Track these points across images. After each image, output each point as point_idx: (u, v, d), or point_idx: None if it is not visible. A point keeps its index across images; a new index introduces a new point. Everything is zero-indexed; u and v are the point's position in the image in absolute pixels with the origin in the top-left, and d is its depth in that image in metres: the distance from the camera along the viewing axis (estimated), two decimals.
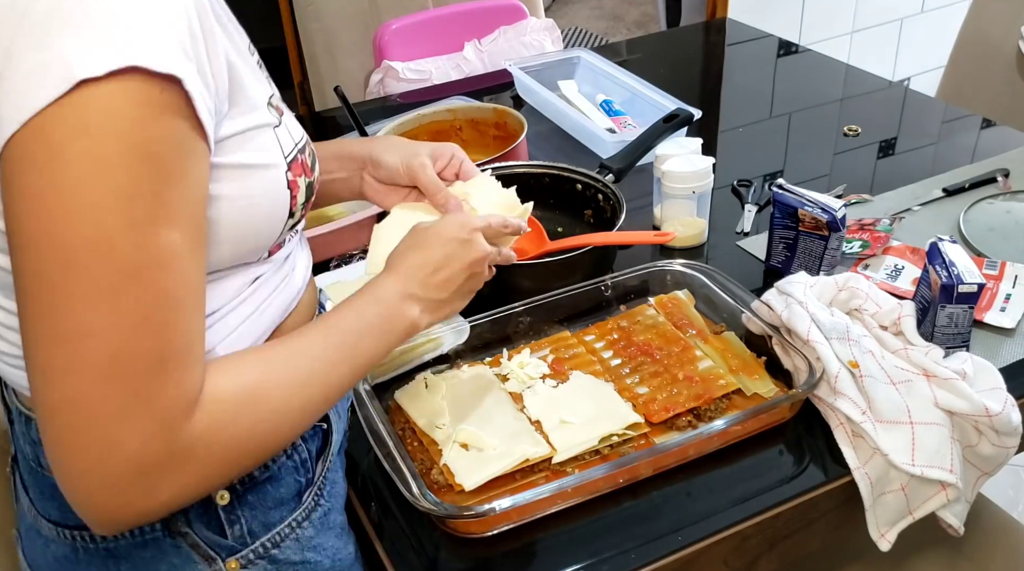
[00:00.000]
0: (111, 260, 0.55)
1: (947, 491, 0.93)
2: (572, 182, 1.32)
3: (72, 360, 0.55)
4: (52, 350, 0.56)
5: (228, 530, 0.74)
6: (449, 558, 0.87)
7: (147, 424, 0.57)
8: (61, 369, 0.56)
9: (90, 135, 0.53)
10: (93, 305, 0.55)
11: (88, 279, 0.54)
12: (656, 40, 2.54)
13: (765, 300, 1.05)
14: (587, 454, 0.93)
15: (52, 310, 0.55)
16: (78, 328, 0.55)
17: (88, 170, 0.53)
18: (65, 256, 0.54)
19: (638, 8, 4.16)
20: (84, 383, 0.56)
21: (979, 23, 2.06)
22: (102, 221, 0.54)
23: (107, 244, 0.54)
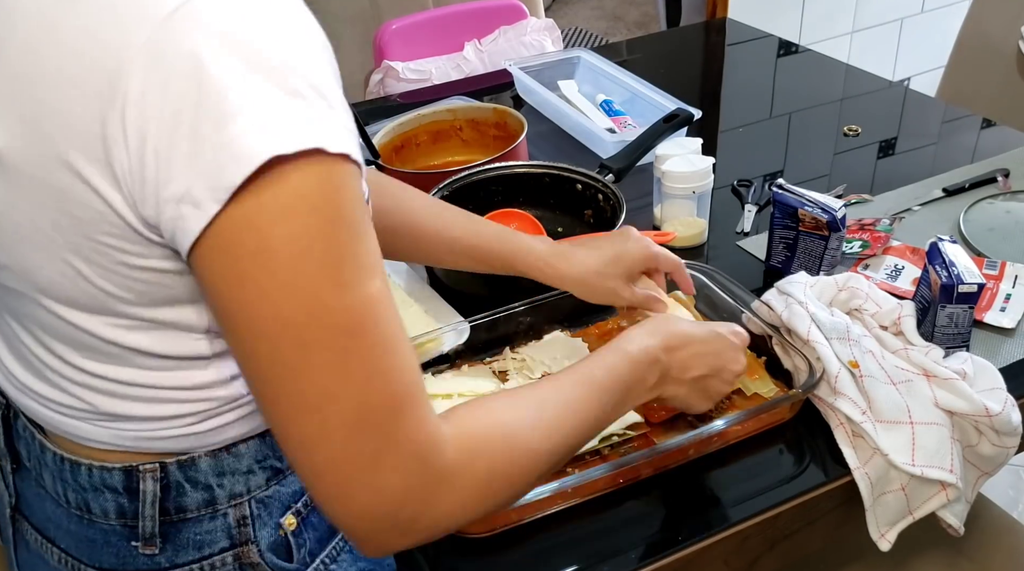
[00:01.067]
0: (335, 326, 0.57)
1: (947, 491, 0.93)
2: (572, 182, 1.32)
3: (324, 426, 0.58)
4: (304, 420, 0.58)
5: (295, 554, 0.74)
6: (449, 558, 0.87)
7: (402, 461, 0.60)
8: (317, 436, 0.58)
9: (291, 217, 0.54)
10: (330, 371, 0.57)
11: (320, 349, 0.56)
12: (656, 40, 2.54)
13: (765, 300, 1.05)
14: (587, 454, 0.93)
15: (295, 385, 0.57)
16: (322, 394, 0.57)
17: (296, 251, 0.55)
18: (295, 334, 0.56)
19: (638, 8, 4.16)
20: (339, 442, 0.58)
21: (979, 23, 2.06)
22: (319, 294, 0.56)
23: (327, 313, 0.56)
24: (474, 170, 1.32)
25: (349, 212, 0.57)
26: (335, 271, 0.56)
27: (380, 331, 0.59)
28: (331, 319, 0.56)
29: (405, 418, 0.60)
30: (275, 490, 0.73)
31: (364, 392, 0.58)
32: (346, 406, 0.57)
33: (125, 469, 0.69)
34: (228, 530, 0.72)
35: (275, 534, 0.73)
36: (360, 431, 0.58)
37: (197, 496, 0.70)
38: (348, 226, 0.57)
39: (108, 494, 0.70)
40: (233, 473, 0.71)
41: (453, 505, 0.63)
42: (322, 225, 0.55)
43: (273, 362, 0.57)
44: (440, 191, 1.29)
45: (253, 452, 0.71)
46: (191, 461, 0.69)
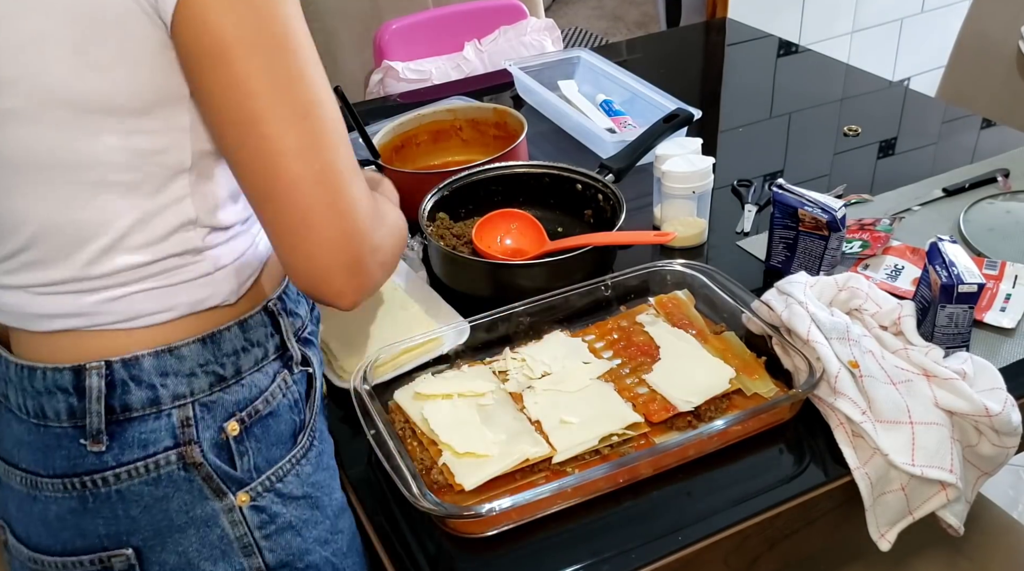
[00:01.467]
0: (309, 47, 0.69)
1: (947, 491, 0.93)
2: (572, 182, 1.32)
3: (321, 130, 0.69)
4: (301, 127, 0.68)
5: (238, 462, 0.78)
6: (449, 558, 0.87)
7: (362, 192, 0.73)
8: (313, 143, 0.68)
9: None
10: (319, 79, 0.69)
11: (308, 60, 0.69)
12: (656, 40, 2.54)
13: (765, 300, 1.05)
14: (587, 454, 0.93)
15: (291, 92, 0.67)
16: (315, 99, 0.69)
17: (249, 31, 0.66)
18: (294, 45, 0.68)
19: (638, 8, 4.16)
20: (332, 151, 0.70)
21: (979, 23, 2.06)
22: (295, 15, 0.68)
23: (304, 35, 0.69)
24: (474, 170, 1.32)
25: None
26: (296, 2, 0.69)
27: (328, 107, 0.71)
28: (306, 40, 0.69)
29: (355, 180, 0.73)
30: (219, 396, 0.77)
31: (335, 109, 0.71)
32: (332, 114, 0.70)
33: (74, 369, 0.73)
34: (172, 429, 0.75)
35: (217, 437, 0.77)
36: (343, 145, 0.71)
37: (141, 395, 0.74)
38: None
39: (60, 395, 0.74)
40: (176, 374, 0.75)
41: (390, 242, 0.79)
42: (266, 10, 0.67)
43: (274, 73, 0.67)
44: (440, 191, 1.29)
45: (195, 355, 0.75)
46: (135, 360, 0.73)
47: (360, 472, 0.97)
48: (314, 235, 0.70)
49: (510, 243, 1.26)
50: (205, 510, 0.77)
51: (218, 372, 0.77)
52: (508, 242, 1.26)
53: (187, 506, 0.77)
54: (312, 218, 0.69)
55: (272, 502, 0.80)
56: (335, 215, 0.70)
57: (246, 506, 0.78)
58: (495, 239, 1.26)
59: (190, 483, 0.76)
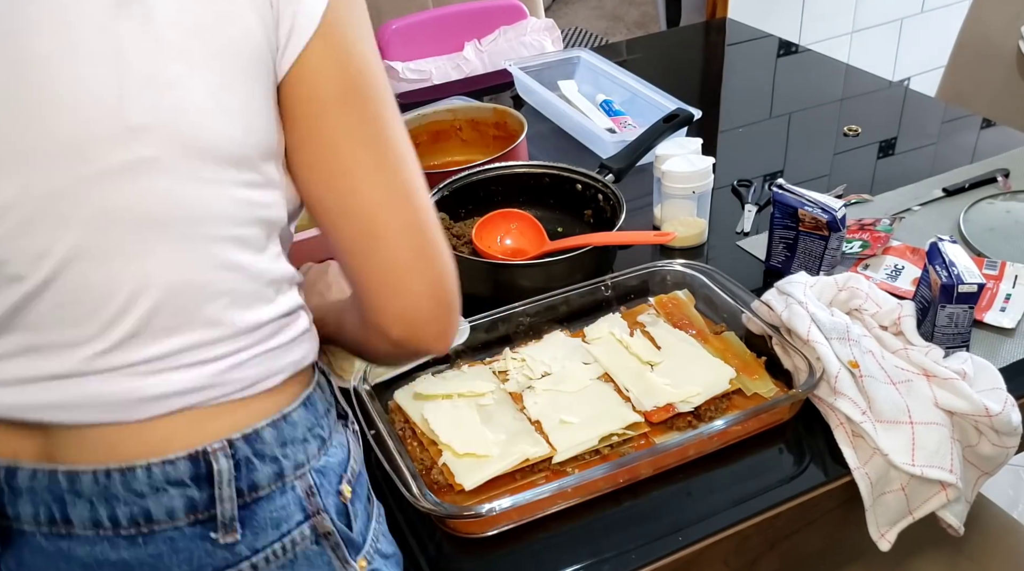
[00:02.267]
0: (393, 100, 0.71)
1: (947, 491, 0.93)
2: (572, 182, 1.32)
3: (409, 181, 0.70)
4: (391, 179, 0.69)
5: (354, 525, 0.73)
6: (449, 558, 0.87)
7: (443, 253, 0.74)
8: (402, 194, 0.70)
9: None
10: (401, 130, 0.71)
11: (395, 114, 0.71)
12: (656, 40, 2.54)
13: (765, 300, 1.05)
14: (587, 454, 0.93)
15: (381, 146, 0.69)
16: (402, 151, 0.70)
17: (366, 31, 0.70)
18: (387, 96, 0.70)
19: (638, 8, 4.16)
20: (423, 200, 0.71)
21: (979, 23, 2.06)
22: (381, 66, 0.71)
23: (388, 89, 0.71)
24: (474, 170, 1.32)
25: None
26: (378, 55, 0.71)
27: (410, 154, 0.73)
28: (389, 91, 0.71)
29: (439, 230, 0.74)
30: (326, 460, 0.72)
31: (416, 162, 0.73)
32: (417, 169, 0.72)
33: (190, 456, 0.65)
34: (300, 502, 0.69)
35: (337, 501, 0.72)
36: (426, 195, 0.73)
37: (267, 470, 0.67)
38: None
39: (173, 490, 0.64)
40: (293, 442, 0.69)
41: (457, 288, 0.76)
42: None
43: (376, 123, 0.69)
44: (440, 191, 1.29)
45: (303, 420, 0.71)
46: (255, 434, 0.67)
47: None
48: (410, 284, 0.71)
49: (510, 243, 1.26)
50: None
51: (321, 434, 0.72)
52: (508, 242, 1.26)
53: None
54: (406, 267, 0.70)
55: (382, 565, 0.75)
56: (427, 262, 0.71)
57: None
58: (495, 239, 1.26)
59: (322, 558, 0.70)
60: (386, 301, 0.71)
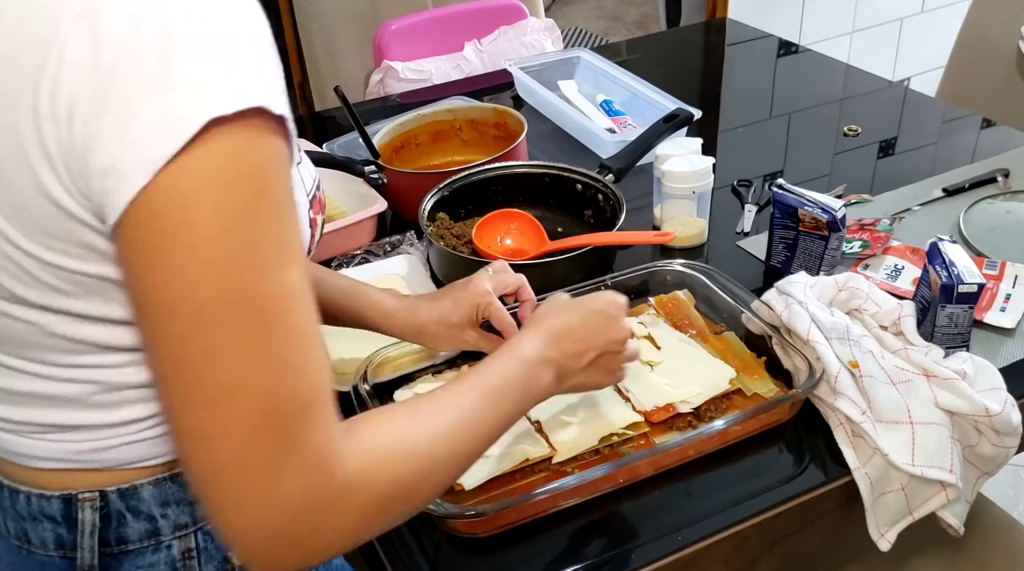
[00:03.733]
0: (249, 311, 0.54)
1: (947, 491, 0.93)
2: (572, 182, 1.32)
3: (227, 420, 0.54)
4: (204, 413, 0.54)
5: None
6: (449, 558, 0.87)
7: (305, 468, 0.56)
8: (217, 431, 0.54)
9: (220, 186, 0.52)
10: (237, 360, 0.54)
11: (231, 335, 0.53)
12: (656, 40, 2.54)
13: (765, 300, 1.05)
14: (587, 454, 0.93)
15: (198, 373, 0.54)
16: (227, 385, 0.54)
17: (220, 225, 0.52)
18: (208, 317, 0.53)
19: (638, 8, 4.16)
20: (241, 440, 0.54)
21: (979, 23, 2.06)
22: (238, 274, 0.53)
23: (244, 296, 0.53)
24: (474, 170, 1.32)
25: (279, 188, 0.55)
26: (257, 251, 0.53)
27: (296, 322, 0.56)
28: (247, 301, 0.53)
29: (311, 422, 0.57)
30: None
31: (273, 386, 0.55)
32: (252, 400, 0.54)
33: (64, 497, 0.66)
34: (172, 563, 0.69)
35: (223, 567, 0.70)
36: (264, 430, 0.55)
37: (139, 527, 0.67)
38: (275, 205, 0.55)
39: (46, 523, 0.67)
40: (178, 503, 0.68)
41: (351, 521, 0.59)
42: (251, 199, 0.53)
43: (181, 345, 0.53)
44: (440, 191, 1.29)
45: None
46: (133, 490, 0.66)
47: None
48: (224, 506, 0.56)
49: (510, 243, 1.26)
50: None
51: None
52: (508, 242, 1.26)
53: None
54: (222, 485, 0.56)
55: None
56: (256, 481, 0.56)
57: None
58: (495, 239, 1.26)
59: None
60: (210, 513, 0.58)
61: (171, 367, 0.55)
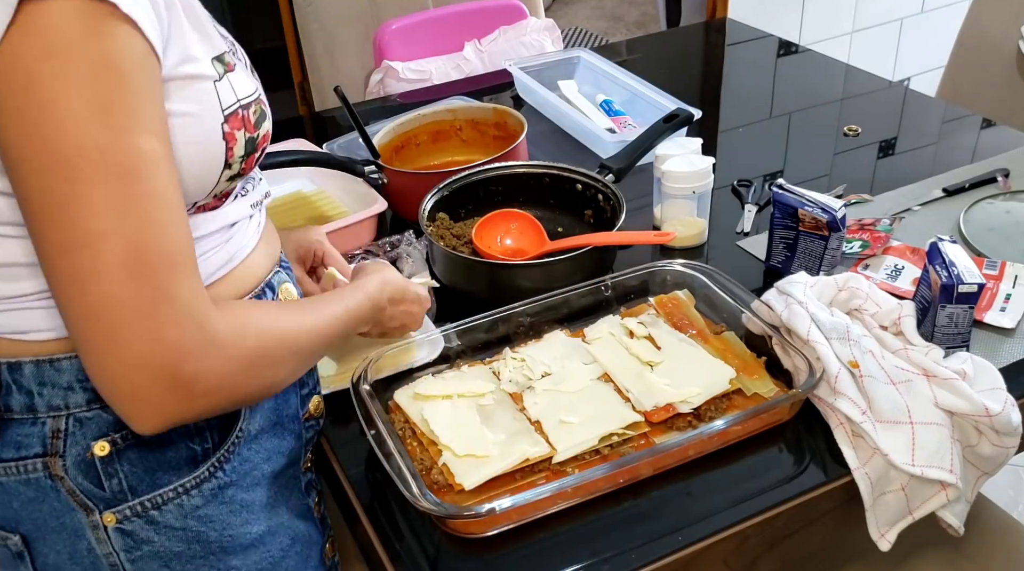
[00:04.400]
0: (105, 164, 0.61)
1: (947, 491, 0.93)
2: (572, 182, 1.32)
3: (96, 261, 0.61)
4: (74, 256, 0.61)
5: (105, 482, 0.77)
6: (449, 558, 0.87)
7: (179, 315, 0.64)
8: (88, 272, 0.62)
9: (55, 55, 0.59)
10: (101, 207, 0.61)
11: (90, 183, 0.60)
12: (656, 40, 2.55)
13: (765, 300, 1.05)
14: (587, 454, 0.93)
15: (64, 219, 0.61)
16: (93, 230, 0.61)
17: (62, 87, 0.59)
18: (64, 167, 0.60)
19: (638, 8, 4.16)
20: (113, 282, 0.62)
21: (979, 23, 2.06)
22: (87, 130, 0.60)
23: (97, 150, 0.60)
24: (474, 170, 1.32)
25: (120, 62, 0.61)
26: (105, 114, 0.61)
27: (155, 185, 0.63)
28: (101, 157, 0.60)
29: (181, 277, 0.65)
30: (96, 413, 0.75)
31: (138, 236, 0.62)
32: (119, 246, 0.61)
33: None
34: (43, 438, 0.75)
35: (83, 455, 0.76)
36: (135, 275, 0.62)
37: (20, 400, 0.75)
38: (119, 75, 0.61)
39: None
40: (53, 385, 0.74)
41: (227, 369, 0.68)
42: (89, 67, 0.60)
43: (46, 196, 0.60)
44: (440, 191, 1.29)
45: (75, 370, 0.74)
46: (17, 365, 0.74)
47: (360, 472, 0.97)
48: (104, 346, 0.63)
49: (510, 243, 1.26)
50: (73, 520, 0.77)
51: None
52: (508, 242, 1.26)
53: (57, 512, 0.77)
54: (100, 325, 0.63)
55: (141, 527, 0.78)
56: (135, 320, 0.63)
57: (111, 526, 0.78)
58: (495, 239, 1.26)
59: (57, 492, 0.76)
60: (86, 360, 0.65)
61: (41, 215, 0.61)
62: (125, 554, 0.79)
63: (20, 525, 0.78)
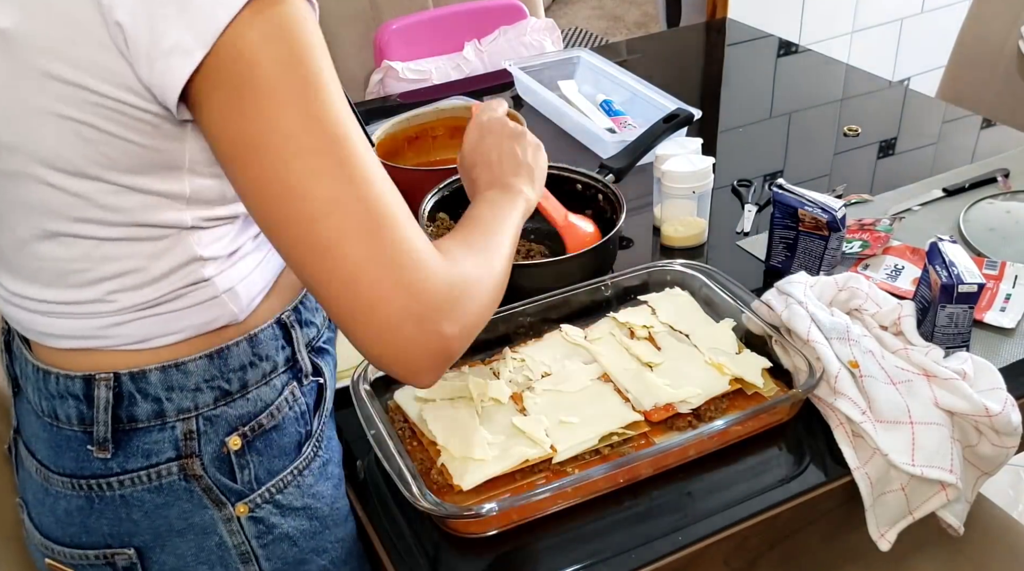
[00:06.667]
0: (326, 134, 0.63)
1: (947, 491, 0.93)
2: (572, 182, 1.32)
3: (342, 229, 0.63)
4: (320, 227, 0.63)
5: (239, 475, 0.79)
6: (449, 558, 0.87)
7: (419, 264, 0.66)
8: (337, 239, 0.63)
9: (273, 43, 0.61)
10: (332, 176, 0.63)
11: (319, 156, 0.63)
12: (656, 40, 2.54)
13: (765, 300, 1.05)
14: (587, 454, 0.93)
15: (306, 193, 0.63)
16: (332, 200, 0.63)
17: (282, 70, 0.61)
18: (295, 144, 0.62)
19: (638, 8, 4.16)
20: (361, 243, 0.64)
21: (979, 23, 2.06)
22: (309, 106, 0.62)
23: (318, 123, 0.63)
24: None
25: (318, 40, 0.64)
26: (317, 88, 0.63)
27: (359, 148, 0.65)
28: (322, 128, 0.63)
29: (410, 227, 0.67)
30: (223, 410, 0.78)
31: (368, 196, 0.64)
32: (357, 208, 0.63)
33: (84, 377, 0.75)
34: (175, 442, 0.77)
35: (218, 451, 0.78)
36: (375, 233, 0.64)
37: (147, 407, 0.76)
38: (321, 51, 0.64)
39: (71, 401, 0.76)
40: (181, 389, 0.76)
41: (475, 303, 0.71)
42: (300, 48, 0.62)
43: (282, 178, 0.62)
44: (440, 192, 1.29)
45: (201, 372, 0.76)
46: (142, 374, 0.75)
47: (360, 472, 0.97)
48: (369, 305, 0.65)
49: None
50: (204, 518, 0.79)
51: (223, 387, 0.78)
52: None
53: (187, 514, 0.79)
54: (361, 287, 0.65)
55: (271, 513, 0.81)
56: (390, 273, 0.65)
57: (244, 517, 0.80)
58: None
59: (190, 493, 0.78)
60: (354, 328, 0.67)
61: (278, 203, 0.63)
62: (257, 541, 0.81)
63: (135, 538, 0.79)
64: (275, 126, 0.62)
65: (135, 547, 0.79)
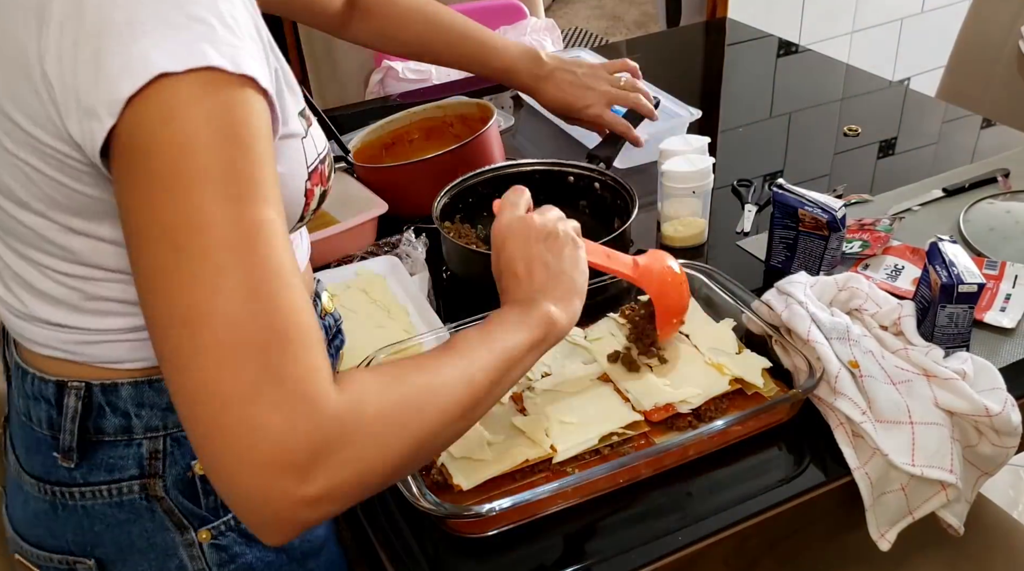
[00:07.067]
0: (211, 238, 0.56)
1: (947, 491, 0.93)
2: (563, 175, 1.32)
3: (196, 342, 0.55)
4: (176, 334, 0.56)
5: (203, 499, 0.77)
6: (449, 558, 0.87)
7: (285, 399, 0.55)
8: (189, 353, 0.56)
9: (176, 121, 0.56)
10: (203, 284, 0.56)
11: (195, 259, 0.56)
12: (656, 40, 2.54)
13: (765, 300, 1.05)
14: (587, 454, 0.93)
15: (168, 295, 0.56)
16: (195, 308, 0.56)
17: (179, 154, 0.56)
18: (171, 239, 0.56)
19: (638, 8, 4.16)
20: (212, 364, 0.55)
21: (979, 23, 2.06)
22: (198, 202, 0.56)
23: (207, 223, 0.56)
24: (468, 175, 1.31)
25: (244, 133, 0.58)
26: (220, 184, 0.56)
27: (264, 260, 0.57)
28: (211, 230, 0.56)
29: (292, 353, 0.56)
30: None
31: (240, 314, 0.56)
32: (219, 323, 0.55)
33: (57, 383, 0.74)
34: (140, 460, 0.75)
35: (183, 474, 0.76)
36: (236, 355, 0.55)
37: (115, 421, 0.74)
38: (242, 146, 0.58)
39: (43, 403, 0.75)
40: (152, 406, 0.74)
41: (352, 458, 0.58)
42: (211, 136, 0.56)
43: (152, 268, 0.57)
44: (445, 195, 1.28)
45: None
46: (113, 387, 0.73)
47: None
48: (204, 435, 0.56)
49: None
50: (165, 540, 0.78)
51: None
52: None
53: (148, 533, 0.78)
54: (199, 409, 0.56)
55: (235, 541, 0.80)
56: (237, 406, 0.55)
57: (206, 543, 0.79)
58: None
59: (152, 513, 0.77)
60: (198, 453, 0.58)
61: (149, 288, 0.58)
62: (218, 568, 0.79)
63: (97, 549, 0.78)
64: (154, 214, 0.56)
65: (96, 558, 0.78)
